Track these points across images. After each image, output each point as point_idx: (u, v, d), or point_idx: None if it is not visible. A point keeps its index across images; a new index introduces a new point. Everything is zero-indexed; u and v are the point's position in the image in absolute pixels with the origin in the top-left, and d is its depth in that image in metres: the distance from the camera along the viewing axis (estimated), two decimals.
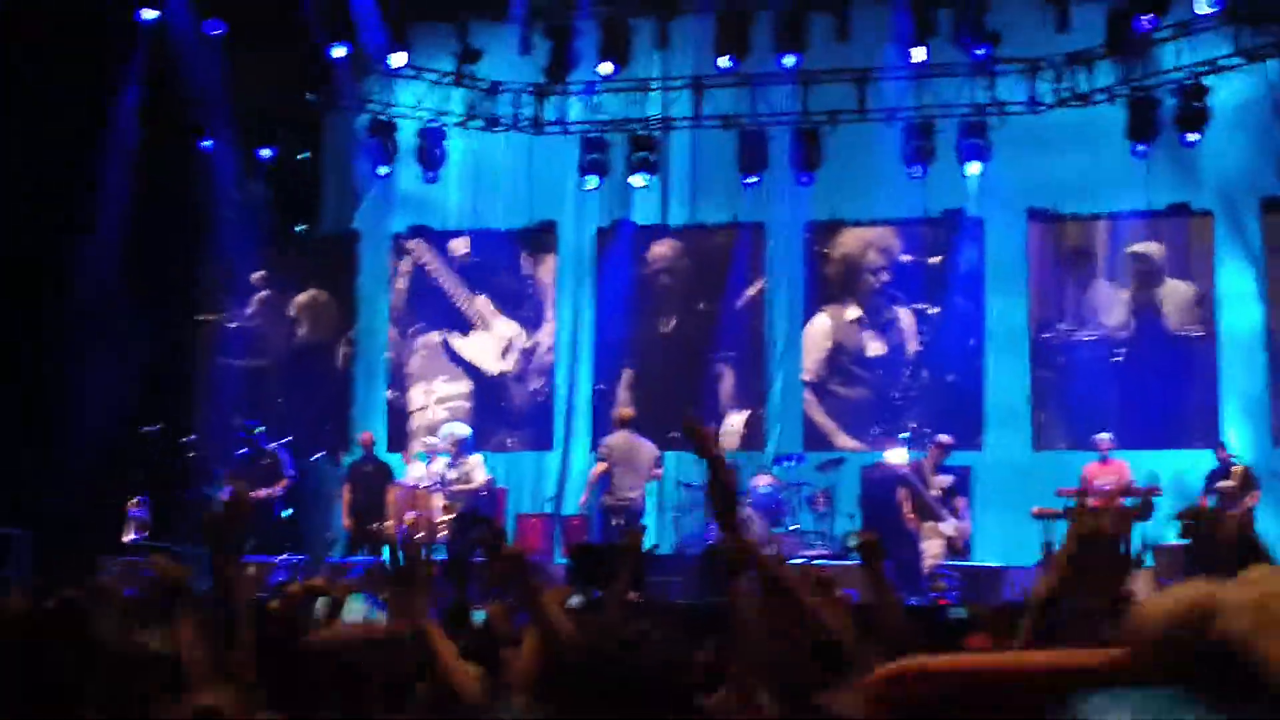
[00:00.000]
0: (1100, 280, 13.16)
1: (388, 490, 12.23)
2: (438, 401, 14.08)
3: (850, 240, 13.62)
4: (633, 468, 11.67)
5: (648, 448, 11.77)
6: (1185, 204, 12.93)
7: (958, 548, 11.50)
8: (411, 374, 14.19)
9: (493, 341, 14.09)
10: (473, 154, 14.23)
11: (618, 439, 11.82)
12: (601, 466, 11.87)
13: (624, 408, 12.53)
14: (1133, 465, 11.81)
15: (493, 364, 14.00)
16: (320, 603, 3.30)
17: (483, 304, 14.13)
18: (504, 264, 14.09)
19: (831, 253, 13.62)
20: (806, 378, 13.58)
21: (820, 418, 13.48)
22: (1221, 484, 11.30)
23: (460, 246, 14.18)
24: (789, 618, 2.66)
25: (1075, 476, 11.80)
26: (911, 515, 11.52)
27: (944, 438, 11.97)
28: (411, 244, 14.25)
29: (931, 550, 11.39)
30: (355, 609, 5.36)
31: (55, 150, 12.32)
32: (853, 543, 4.02)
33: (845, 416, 13.43)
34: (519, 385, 14.01)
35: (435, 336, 14.15)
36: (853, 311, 13.57)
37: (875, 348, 13.47)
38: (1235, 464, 11.37)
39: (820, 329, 13.62)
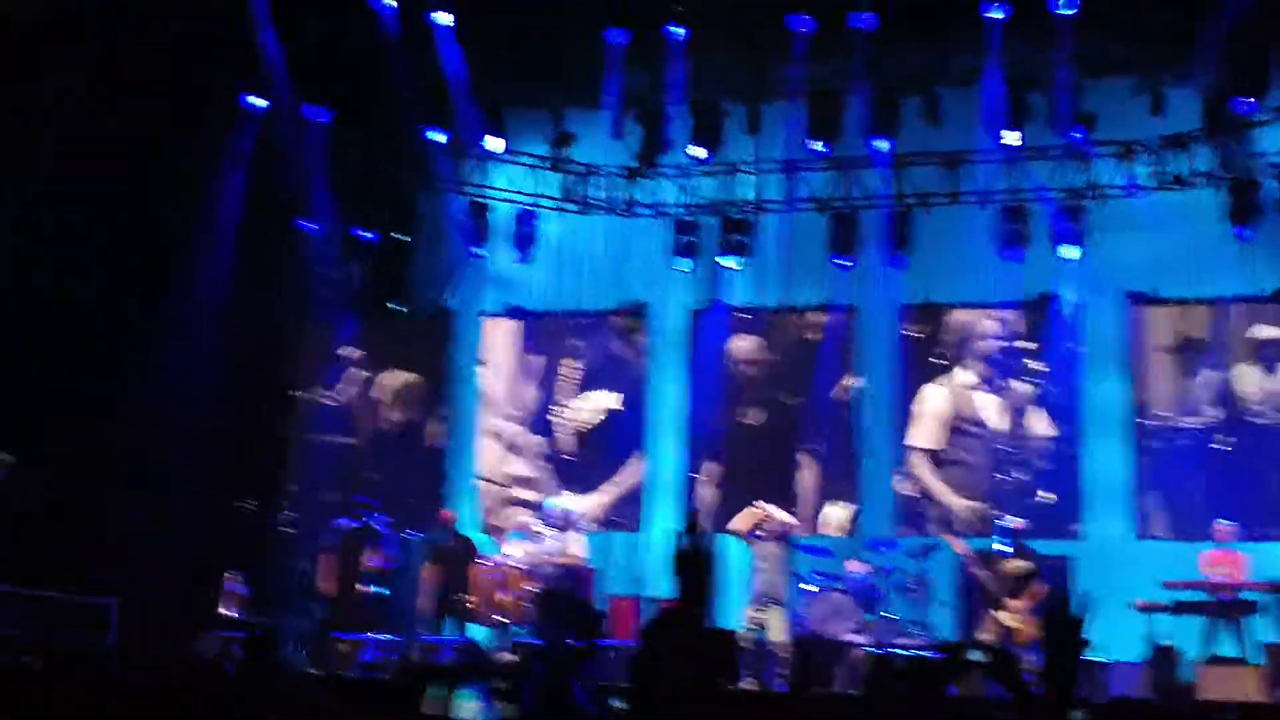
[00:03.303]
0: (1204, 366, 12.90)
1: (471, 567, 12.13)
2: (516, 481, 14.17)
3: (961, 313, 13.60)
4: None
5: None
6: None
7: (1019, 639, 10.84)
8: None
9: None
10: (566, 236, 14.38)
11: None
12: None
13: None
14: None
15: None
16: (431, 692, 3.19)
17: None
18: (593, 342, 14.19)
19: (949, 320, 13.58)
20: (922, 444, 13.44)
21: (935, 484, 13.35)
22: None
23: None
24: None
25: (1180, 567, 11.47)
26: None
27: (1014, 521, 11.72)
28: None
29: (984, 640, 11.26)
30: (467, 706, 5.13)
31: (160, 227, 12.63)
32: (977, 657, 3.54)
33: (960, 484, 13.30)
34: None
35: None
36: (969, 378, 13.49)
37: (991, 416, 13.39)
38: None
39: (938, 397, 13.53)
